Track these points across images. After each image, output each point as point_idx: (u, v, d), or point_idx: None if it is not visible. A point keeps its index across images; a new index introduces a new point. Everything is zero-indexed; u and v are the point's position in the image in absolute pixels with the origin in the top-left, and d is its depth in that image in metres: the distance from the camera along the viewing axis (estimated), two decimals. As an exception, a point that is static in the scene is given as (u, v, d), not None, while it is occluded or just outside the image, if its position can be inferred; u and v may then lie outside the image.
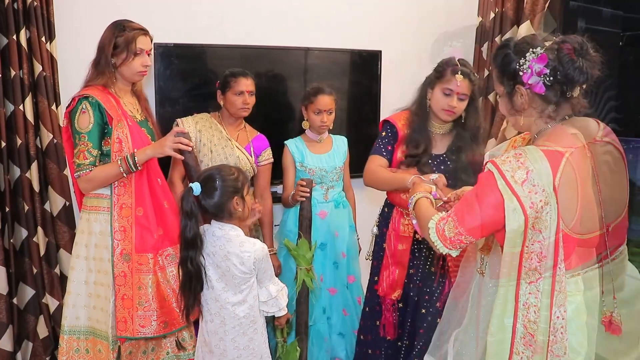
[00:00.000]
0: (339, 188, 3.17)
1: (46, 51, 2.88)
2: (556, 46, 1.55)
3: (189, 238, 2.10)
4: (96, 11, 3.01)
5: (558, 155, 1.53)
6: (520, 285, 1.57)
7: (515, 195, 1.51)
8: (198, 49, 3.28)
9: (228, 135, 2.91)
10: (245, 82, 2.86)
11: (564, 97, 1.59)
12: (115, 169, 2.35)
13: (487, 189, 1.57)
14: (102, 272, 2.43)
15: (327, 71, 3.63)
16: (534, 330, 1.56)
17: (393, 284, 2.69)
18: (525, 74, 1.57)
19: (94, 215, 2.43)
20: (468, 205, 1.61)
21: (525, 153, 1.54)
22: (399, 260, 2.68)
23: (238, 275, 2.13)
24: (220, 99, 2.90)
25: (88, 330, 2.48)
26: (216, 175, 2.13)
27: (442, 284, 2.62)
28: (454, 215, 1.63)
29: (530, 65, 1.56)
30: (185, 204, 2.08)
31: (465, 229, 1.60)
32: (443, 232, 1.64)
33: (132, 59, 2.41)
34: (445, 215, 1.67)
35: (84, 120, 2.35)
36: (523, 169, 1.52)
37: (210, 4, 3.37)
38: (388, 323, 2.76)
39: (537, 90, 1.57)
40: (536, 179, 1.50)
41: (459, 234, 1.62)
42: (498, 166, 1.55)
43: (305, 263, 2.81)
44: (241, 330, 2.19)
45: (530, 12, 3.28)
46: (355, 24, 3.80)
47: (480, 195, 1.59)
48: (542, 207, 1.51)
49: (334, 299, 3.12)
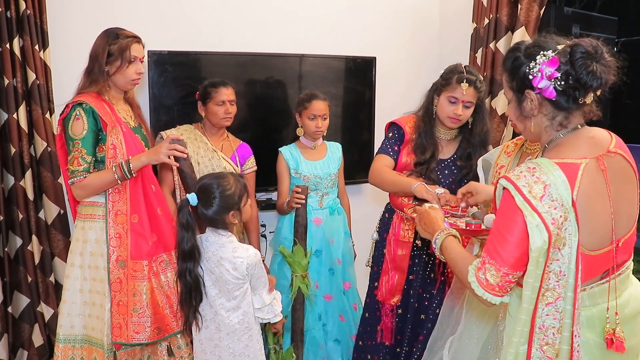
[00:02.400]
0: (333, 195, 3.16)
1: (40, 59, 2.88)
2: (569, 49, 1.48)
3: (186, 250, 2.08)
4: (90, 19, 3.02)
5: (574, 167, 1.47)
6: (537, 308, 1.48)
7: (536, 212, 1.42)
8: (192, 57, 3.29)
9: (213, 147, 2.91)
10: (225, 92, 2.86)
11: (576, 104, 1.52)
12: (110, 176, 2.35)
13: (508, 212, 1.47)
14: (98, 280, 2.42)
15: (322, 78, 3.63)
16: (553, 354, 1.49)
17: (392, 289, 2.70)
18: (535, 78, 1.50)
19: (89, 223, 2.43)
20: (498, 240, 1.49)
21: (540, 167, 1.46)
22: (398, 265, 2.68)
23: (231, 280, 2.13)
24: (201, 110, 2.91)
25: (83, 338, 2.47)
26: (215, 187, 2.11)
27: (442, 291, 2.62)
28: (488, 259, 1.50)
29: (541, 69, 1.49)
30: (181, 215, 2.06)
31: (509, 266, 1.47)
32: (487, 282, 1.49)
33: (126, 66, 2.41)
34: (479, 264, 1.53)
35: (78, 126, 2.34)
36: (540, 183, 1.44)
37: (204, 12, 3.37)
38: (386, 328, 2.76)
39: (548, 95, 1.50)
40: (554, 194, 1.43)
41: (504, 275, 1.48)
42: (513, 182, 1.46)
43: (300, 270, 2.81)
44: (236, 337, 2.18)
45: (525, 18, 3.28)
46: (349, 30, 3.81)
47: (506, 222, 1.48)
48: (562, 223, 1.43)
49: (330, 305, 3.11)
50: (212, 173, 2.57)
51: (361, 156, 3.82)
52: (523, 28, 3.28)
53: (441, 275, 2.64)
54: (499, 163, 2.34)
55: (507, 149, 2.36)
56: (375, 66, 3.79)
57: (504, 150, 2.38)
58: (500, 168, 2.31)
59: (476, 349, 2.24)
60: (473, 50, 3.63)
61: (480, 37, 3.56)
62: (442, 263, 2.59)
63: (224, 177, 2.17)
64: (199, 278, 2.12)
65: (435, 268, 2.65)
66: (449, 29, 4.08)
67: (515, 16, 3.35)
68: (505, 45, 3.39)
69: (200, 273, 2.13)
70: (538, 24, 3.28)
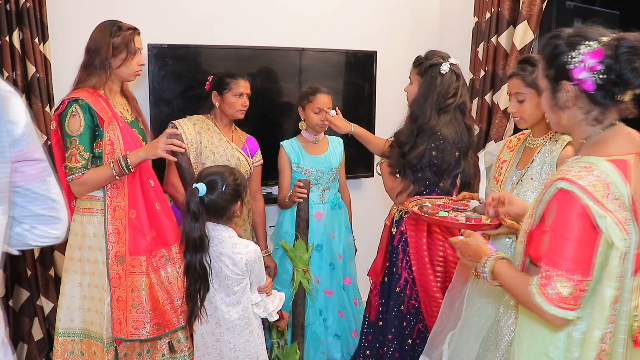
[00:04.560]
0: (335, 189, 3.16)
1: (39, 52, 2.87)
2: (615, 42, 1.40)
3: (196, 239, 2.07)
4: (89, 12, 3.00)
5: (623, 164, 1.42)
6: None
7: (608, 211, 1.35)
8: (192, 50, 3.27)
9: (226, 137, 2.90)
10: (244, 84, 2.86)
11: (613, 100, 1.45)
12: (108, 172, 2.34)
13: (571, 215, 1.39)
14: (96, 274, 2.42)
15: (322, 72, 3.62)
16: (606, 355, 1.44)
17: (377, 269, 2.78)
18: (575, 68, 1.43)
19: (87, 217, 2.42)
20: (563, 247, 1.39)
21: (595, 165, 1.40)
22: (381, 246, 2.78)
23: (230, 276, 2.13)
24: (215, 99, 2.88)
25: (82, 332, 2.47)
26: (223, 176, 2.12)
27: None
28: (555, 271, 1.39)
29: (583, 59, 1.42)
30: (193, 205, 2.06)
31: (581, 273, 1.37)
32: (559, 296, 1.37)
33: (131, 58, 2.41)
34: (541, 280, 1.41)
35: (75, 123, 2.34)
36: (601, 182, 1.37)
37: (204, 5, 3.36)
38: (371, 305, 2.82)
39: (586, 87, 1.43)
40: (616, 192, 1.37)
41: (577, 283, 1.38)
42: (575, 182, 1.38)
43: (302, 264, 2.81)
44: (236, 332, 2.19)
45: (527, 13, 3.26)
46: (350, 24, 3.80)
47: (569, 226, 1.39)
48: (627, 222, 1.37)
49: (330, 300, 3.11)
50: (213, 165, 2.57)
51: (362, 151, 3.79)
52: (525, 22, 3.27)
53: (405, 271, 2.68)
54: (502, 158, 2.34)
55: (510, 144, 2.36)
56: (375, 60, 3.77)
57: (506, 144, 2.38)
58: (503, 162, 2.31)
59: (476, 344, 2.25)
60: (475, 45, 3.62)
61: (481, 32, 3.55)
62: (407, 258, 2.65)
63: (230, 168, 2.20)
64: (206, 267, 2.11)
65: (399, 263, 2.67)
66: (450, 23, 4.07)
67: (517, 10, 3.34)
68: (507, 39, 3.38)
69: (208, 261, 2.11)
70: (540, 18, 3.27)
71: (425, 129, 2.50)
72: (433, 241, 2.61)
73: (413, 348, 2.67)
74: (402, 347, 2.66)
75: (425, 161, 2.51)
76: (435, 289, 2.56)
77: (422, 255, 2.58)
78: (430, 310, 2.59)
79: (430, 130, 2.49)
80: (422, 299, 2.60)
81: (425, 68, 2.54)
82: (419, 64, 2.59)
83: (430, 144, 2.49)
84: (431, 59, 2.55)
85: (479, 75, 3.57)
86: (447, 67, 2.52)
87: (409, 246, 2.62)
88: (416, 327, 2.66)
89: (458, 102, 2.54)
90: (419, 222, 2.58)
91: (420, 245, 2.59)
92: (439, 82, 2.51)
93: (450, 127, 2.51)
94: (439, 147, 2.50)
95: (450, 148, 2.51)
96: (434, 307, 2.56)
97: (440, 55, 2.57)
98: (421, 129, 2.51)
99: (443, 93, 2.51)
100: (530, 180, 2.16)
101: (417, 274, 2.59)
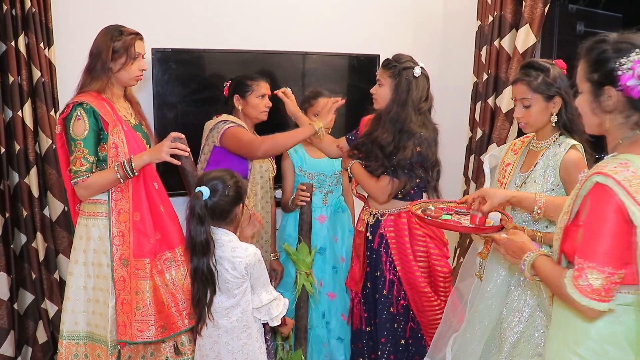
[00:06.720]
0: (338, 192, 3.16)
1: (45, 57, 2.88)
2: None
3: (202, 242, 2.07)
4: (94, 17, 3.01)
5: None
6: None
7: None
8: (196, 54, 3.28)
9: None
10: (265, 85, 2.92)
11: None
12: (113, 175, 2.35)
13: (605, 209, 1.41)
14: (101, 278, 2.43)
15: (325, 75, 3.62)
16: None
17: (355, 277, 2.81)
18: (624, 75, 1.43)
19: (92, 221, 2.43)
20: (595, 240, 1.42)
21: (631, 162, 1.43)
22: (357, 254, 2.80)
23: (230, 279, 2.13)
24: (238, 103, 2.90)
25: (87, 335, 2.48)
26: (225, 180, 2.12)
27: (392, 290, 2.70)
28: (587, 263, 1.41)
29: (633, 67, 1.42)
30: (198, 208, 2.06)
31: (613, 265, 1.40)
32: (591, 288, 1.40)
33: (131, 63, 2.42)
34: (575, 272, 1.44)
35: (79, 127, 2.35)
36: (636, 178, 1.39)
37: (208, 9, 3.37)
38: (354, 314, 2.87)
39: (634, 94, 1.43)
40: None
41: (609, 275, 1.40)
42: (612, 176, 1.40)
43: (305, 267, 2.82)
44: (235, 335, 2.19)
45: (529, 16, 3.27)
46: (353, 28, 3.80)
47: (602, 220, 1.41)
48: None
49: (333, 303, 3.11)
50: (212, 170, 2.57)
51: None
52: (527, 25, 3.27)
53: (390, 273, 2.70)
54: (506, 160, 2.34)
55: (514, 147, 2.37)
56: (378, 64, 3.77)
57: (510, 148, 2.38)
58: (507, 165, 2.32)
59: (479, 346, 2.25)
60: (478, 48, 3.62)
61: (484, 35, 3.55)
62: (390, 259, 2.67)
63: (230, 171, 2.20)
64: (213, 271, 2.11)
65: (383, 266, 2.69)
66: (453, 27, 4.07)
67: (520, 13, 3.34)
68: (509, 42, 3.39)
69: (214, 263, 2.11)
70: (542, 21, 3.27)
71: (405, 130, 2.54)
72: (414, 237, 2.66)
73: (407, 348, 2.72)
74: (397, 348, 2.70)
75: (414, 159, 2.56)
76: (424, 284, 2.63)
77: (405, 254, 2.64)
78: (422, 306, 2.64)
79: (410, 132, 2.54)
80: (411, 297, 2.65)
81: (399, 71, 2.56)
82: (391, 66, 2.60)
83: (414, 142, 2.54)
84: (403, 63, 2.58)
85: (482, 78, 3.57)
86: (419, 71, 2.57)
87: (390, 248, 2.67)
88: (408, 326, 2.71)
89: (429, 105, 2.63)
90: (398, 222, 2.66)
91: (402, 244, 2.65)
92: (414, 85, 2.56)
93: (425, 127, 2.58)
94: (422, 144, 2.55)
95: (432, 145, 2.58)
96: (425, 302, 2.62)
97: (408, 58, 2.62)
98: (402, 130, 2.55)
99: (419, 96, 2.57)
100: (534, 183, 2.16)
101: (402, 273, 2.64)
